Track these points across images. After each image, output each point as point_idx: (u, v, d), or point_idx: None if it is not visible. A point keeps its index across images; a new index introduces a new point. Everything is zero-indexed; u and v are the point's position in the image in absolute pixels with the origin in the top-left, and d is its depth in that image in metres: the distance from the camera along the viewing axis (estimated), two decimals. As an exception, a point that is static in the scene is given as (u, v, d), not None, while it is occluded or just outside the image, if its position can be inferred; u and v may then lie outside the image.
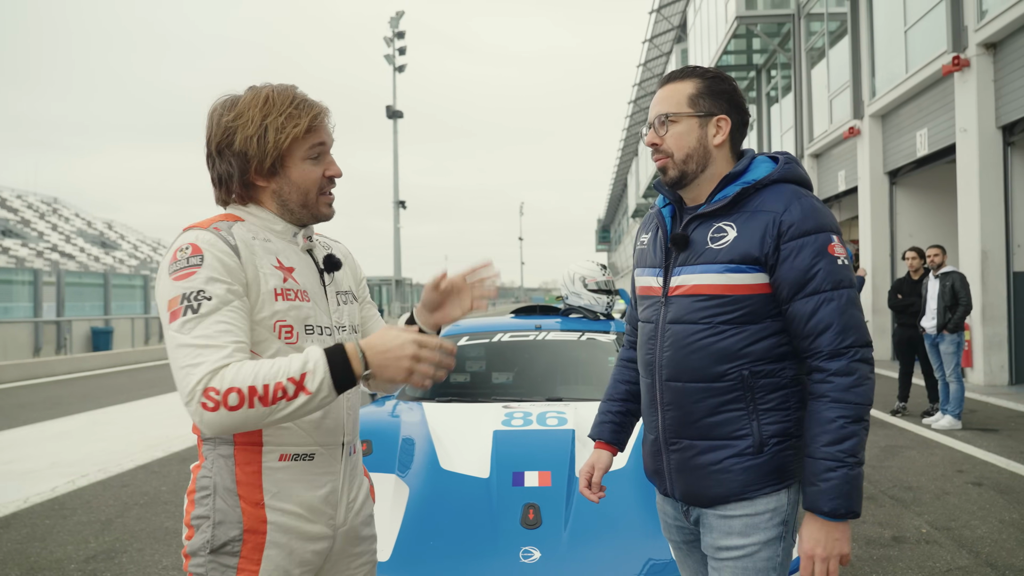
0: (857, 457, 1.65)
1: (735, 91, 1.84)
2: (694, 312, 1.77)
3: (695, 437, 1.78)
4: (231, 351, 1.49)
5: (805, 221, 1.70)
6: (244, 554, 1.59)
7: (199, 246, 1.56)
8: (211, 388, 1.44)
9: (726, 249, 1.74)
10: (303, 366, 1.48)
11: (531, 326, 4.59)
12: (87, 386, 13.68)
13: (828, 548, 1.66)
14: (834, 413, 1.65)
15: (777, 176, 1.78)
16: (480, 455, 3.15)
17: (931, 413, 8.39)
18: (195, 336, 1.49)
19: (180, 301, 1.52)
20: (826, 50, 17.19)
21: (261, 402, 1.45)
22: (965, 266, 11.14)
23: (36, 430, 8.95)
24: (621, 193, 68.90)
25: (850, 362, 1.67)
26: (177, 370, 1.48)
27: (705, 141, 1.80)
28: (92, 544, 4.62)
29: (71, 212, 48.24)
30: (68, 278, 22.00)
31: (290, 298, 1.65)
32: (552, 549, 2.63)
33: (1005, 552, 4.23)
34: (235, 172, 1.65)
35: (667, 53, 31.96)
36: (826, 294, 1.68)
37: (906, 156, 13.65)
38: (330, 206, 1.74)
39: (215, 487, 1.61)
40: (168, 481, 6.19)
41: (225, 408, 1.44)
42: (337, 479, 1.72)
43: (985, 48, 10.74)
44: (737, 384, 1.74)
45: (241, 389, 1.44)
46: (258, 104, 1.63)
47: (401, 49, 40.75)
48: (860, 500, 1.67)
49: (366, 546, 1.83)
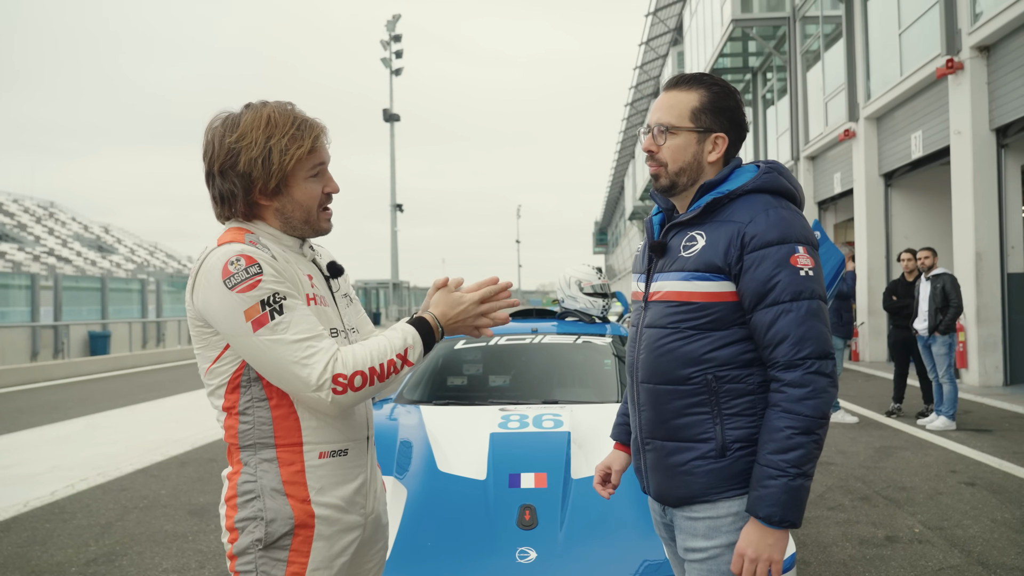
0: (801, 469, 1.65)
1: (738, 107, 1.85)
2: (665, 317, 1.82)
3: (664, 438, 1.83)
4: (330, 338, 1.66)
5: (768, 232, 1.72)
6: (294, 547, 1.68)
7: (252, 257, 1.63)
8: (339, 375, 1.61)
9: (694, 258, 1.78)
10: (404, 342, 1.70)
11: (528, 329, 4.63)
12: (85, 390, 13.69)
13: (758, 551, 1.68)
14: (783, 423, 1.67)
15: (752, 186, 1.80)
16: (477, 457, 3.19)
17: (926, 414, 8.44)
18: (294, 333, 1.61)
19: (261, 308, 1.60)
20: (821, 53, 17.26)
21: (379, 379, 1.66)
22: (960, 267, 11.21)
23: (35, 434, 8.97)
24: (618, 195, 68.94)
25: (805, 373, 1.67)
26: (288, 366, 1.60)
27: (700, 157, 1.84)
28: (92, 548, 4.65)
29: (68, 216, 48.21)
30: (65, 282, 22.01)
31: (317, 304, 1.75)
32: (548, 550, 2.67)
33: (997, 551, 4.28)
34: (239, 192, 1.70)
35: (663, 56, 32.04)
36: (784, 305, 1.69)
37: (901, 158, 13.72)
38: (329, 220, 1.82)
39: (262, 489, 1.69)
40: (167, 484, 6.22)
41: (352, 390, 1.63)
42: (366, 470, 1.83)
43: (978, 51, 10.81)
44: (702, 388, 1.77)
45: (364, 371, 1.64)
46: (260, 126, 1.67)
47: (398, 52, 40.79)
48: (797, 511, 1.67)
49: (382, 533, 1.94)
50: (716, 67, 22.52)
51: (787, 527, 1.68)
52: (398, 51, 40.76)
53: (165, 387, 13.54)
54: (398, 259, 43.90)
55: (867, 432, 7.88)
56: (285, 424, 1.69)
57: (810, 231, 1.78)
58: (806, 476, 1.67)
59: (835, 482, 5.84)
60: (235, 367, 1.69)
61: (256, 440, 1.70)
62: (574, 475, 3.05)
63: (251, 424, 1.69)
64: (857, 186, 15.26)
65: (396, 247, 43.55)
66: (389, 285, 44.90)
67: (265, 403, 1.69)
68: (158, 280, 27.11)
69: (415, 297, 54.06)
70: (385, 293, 45.82)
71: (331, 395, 1.60)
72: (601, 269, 5.17)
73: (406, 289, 50.26)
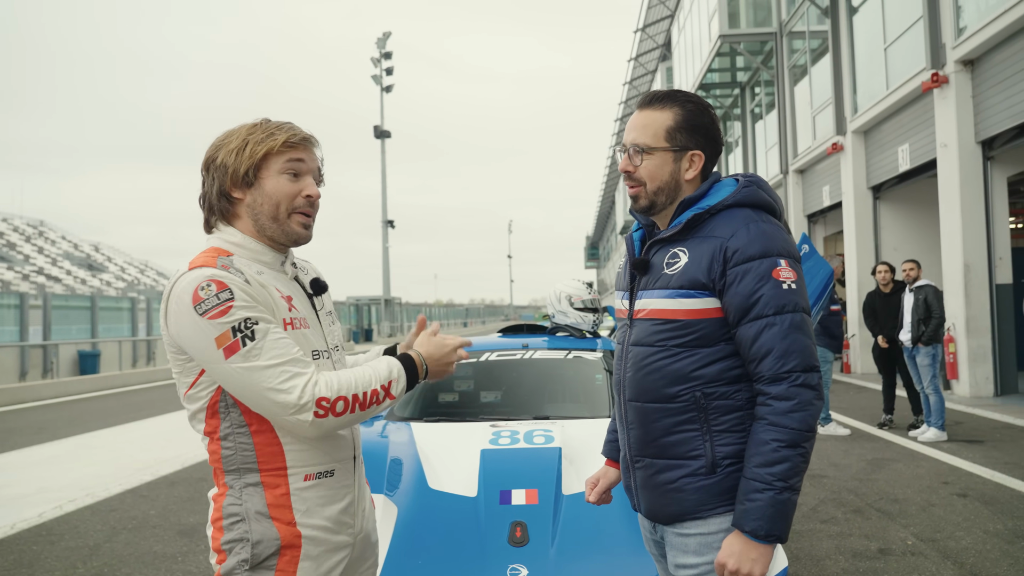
0: (787, 483, 1.65)
1: (712, 123, 1.85)
2: (651, 335, 1.81)
3: (654, 456, 1.82)
4: (306, 361, 1.64)
5: (750, 246, 1.72)
6: (280, 567, 1.67)
7: (223, 282, 1.61)
8: (323, 398, 1.61)
9: (678, 275, 1.78)
10: (389, 374, 1.72)
11: (518, 345, 4.63)
12: (74, 410, 13.58)
13: (739, 563, 1.67)
14: (769, 436, 1.67)
15: (732, 201, 1.80)
16: (468, 474, 3.18)
17: (916, 426, 8.45)
18: (269, 358, 1.59)
19: (232, 335, 1.58)
20: (808, 67, 17.41)
21: (360, 407, 1.67)
22: (948, 279, 11.27)
23: (23, 455, 8.89)
24: (609, 210, 69.19)
25: (790, 387, 1.67)
26: (264, 392, 1.59)
27: (677, 175, 1.84)
28: (80, 570, 4.60)
29: (57, 235, 48.01)
30: (55, 301, 21.86)
31: (296, 327, 1.72)
32: (539, 567, 2.65)
33: (989, 563, 4.28)
34: (215, 184, 1.73)
35: (652, 71, 32.27)
36: (768, 319, 1.69)
37: (888, 171, 13.82)
38: (306, 228, 1.77)
39: (247, 513, 1.68)
40: (157, 505, 6.16)
41: (333, 415, 1.63)
42: (353, 490, 1.82)
43: (963, 65, 10.92)
44: (691, 405, 1.77)
45: (347, 397, 1.64)
46: (247, 127, 1.75)
47: (388, 70, 40.95)
48: (783, 525, 1.66)
49: (372, 551, 1.93)
50: (704, 82, 22.69)
51: (773, 541, 1.67)
52: (388, 68, 40.93)
53: (155, 406, 13.44)
54: (390, 275, 43.92)
55: (859, 444, 7.88)
56: (268, 450, 1.68)
57: (791, 244, 1.79)
58: (793, 490, 1.66)
59: (828, 495, 5.83)
60: (211, 393, 1.68)
61: (240, 465, 1.68)
62: (565, 491, 3.03)
63: (233, 450, 1.68)
64: (846, 199, 15.35)
65: (388, 263, 43.55)
66: (381, 301, 44.85)
67: (246, 429, 1.68)
68: (148, 298, 26.99)
69: (407, 313, 53.95)
70: (377, 309, 45.74)
71: (312, 418, 1.59)
72: (592, 284, 5.17)
73: (398, 305, 50.20)
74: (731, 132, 25.20)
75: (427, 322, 1.92)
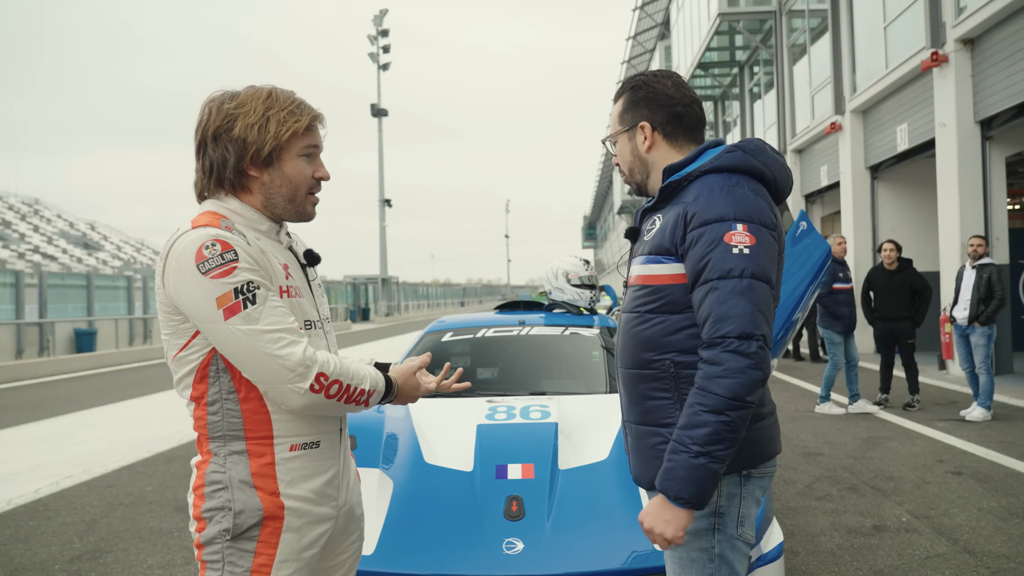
0: (704, 448, 1.60)
1: (656, 91, 1.87)
2: (631, 301, 1.85)
3: (637, 421, 1.84)
4: (301, 332, 1.63)
5: (707, 210, 1.70)
6: (263, 538, 1.66)
7: (227, 242, 1.59)
8: (322, 373, 1.60)
9: (649, 240, 1.81)
10: (375, 384, 1.72)
11: (515, 321, 4.62)
12: (71, 388, 13.59)
13: (652, 523, 1.67)
14: (694, 399, 1.64)
15: (709, 167, 1.77)
16: (464, 449, 3.18)
17: (912, 405, 8.47)
18: (267, 323, 1.58)
19: (235, 296, 1.57)
20: (807, 46, 17.31)
21: (347, 399, 1.66)
22: (945, 259, 11.27)
23: (19, 432, 8.89)
24: (607, 190, 69.04)
25: (721, 351, 1.62)
26: (260, 356, 1.57)
27: (637, 151, 1.90)
28: (77, 545, 4.61)
29: (53, 213, 47.82)
30: (50, 279, 21.77)
31: (292, 295, 1.72)
32: (535, 540, 2.66)
33: (983, 539, 4.30)
34: (231, 158, 1.67)
35: (651, 50, 32.06)
36: (712, 283, 1.66)
37: (887, 151, 13.77)
38: (315, 207, 1.80)
39: (230, 481, 1.66)
40: (153, 481, 6.17)
41: (325, 395, 1.61)
42: (338, 462, 1.81)
43: (963, 44, 10.85)
44: (663, 372, 1.77)
45: (341, 383, 1.63)
46: (261, 97, 1.69)
47: (385, 47, 40.67)
48: (697, 491, 1.61)
49: (357, 524, 1.92)
50: (703, 61, 22.56)
51: (684, 505, 1.63)
52: (385, 46, 40.66)
53: (151, 384, 13.45)
54: (387, 254, 43.86)
55: (854, 423, 7.91)
56: (255, 417, 1.67)
57: (758, 208, 1.72)
58: (710, 456, 1.61)
59: (823, 472, 5.86)
60: (203, 356, 1.66)
61: (226, 432, 1.67)
62: (561, 466, 3.04)
63: (220, 416, 1.67)
64: (844, 179, 15.32)
65: (385, 242, 43.48)
66: (378, 280, 44.83)
67: (234, 396, 1.66)
68: (144, 277, 26.88)
69: (404, 292, 53.95)
70: (374, 288, 45.73)
71: (307, 390, 1.59)
72: (588, 261, 5.16)
73: (395, 284, 50.18)
74: (729, 112, 25.10)
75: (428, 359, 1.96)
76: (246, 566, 1.65)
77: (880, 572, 3.87)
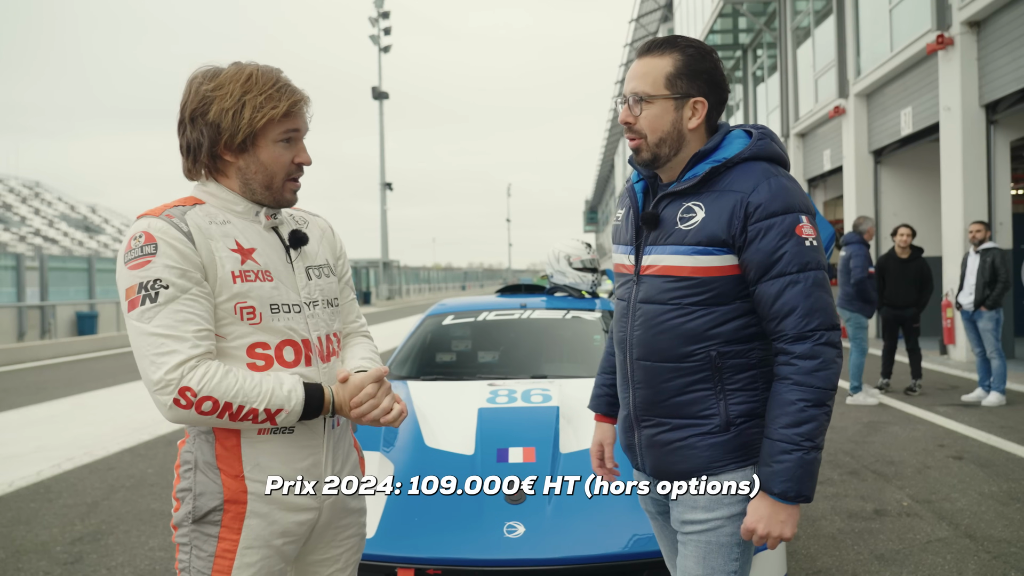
0: (814, 442, 1.64)
1: (715, 68, 1.76)
2: (664, 292, 1.75)
3: (664, 415, 1.79)
4: (194, 342, 1.55)
5: (773, 202, 1.67)
6: (225, 523, 1.64)
7: (152, 234, 1.58)
8: (188, 388, 1.52)
9: (694, 230, 1.71)
10: (284, 402, 1.60)
11: (516, 305, 4.60)
12: (72, 370, 13.61)
13: (768, 527, 1.66)
14: (795, 396, 1.64)
15: (749, 154, 1.74)
16: (465, 432, 3.17)
17: (914, 390, 8.46)
18: (156, 325, 1.54)
19: (138, 290, 1.56)
20: (811, 29, 17.17)
21: (230, 417, 1.57)
22: (948, 244, 11.22)
23: (21, 414, 8.91)
24: (608, 174, 68.86)
25: (814, 345, 1.64)
26: (142, 359, 1.55)
27: (680, 124, 1.75)
28: (78, 527, 4.62)
29: (53, 196, 47.73)
30: (51, 262, 21.75)
31: (250, 279, 1.66)
32: (536, 524, 2.65)
33: (984, 524, 4.30)
34: (205, 142, 1.65)
35: (654, 33, 31.83)
36: (791, 276, 1.65)
37: (891, 135, 13.69)
38: (295, 193, 1.75)
39: (196, 461, 1.66)
40: (154, 464, 6.18)
41: (196, 411, 1.54)
42: (319, 452, 1.75)
43: (969, 26, 10.75)
44: (705, 364, 1.73)
45: (217, 400, 1.55)
46: (240, 80, 1.64)
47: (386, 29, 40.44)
48: (811, 485, 1.65)
49: (353, 519, 1.87)
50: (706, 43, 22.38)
51: (801, 502, 1.66)
52: (386, 28, 40.43)
53: (153, 367, 13.46)
54: (388, 238, 43.84)
55: (856, 408, 7.90)
56: None
57: (809, 200, 1.75)
58: (818, 448, 1.65)
59: (824, 457, 5.83)
60: None
61: None
62: (563, 449, 3.03)
63: None
64: (847, 163, 15.24)
65: (386, 226, 43.45)
66: (379, 264, 44.82)
67: None
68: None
69: (405, 276, 53.91)
70: (375, 272, 45.72)
71: (170, 404, 1.53)
72: (591, 244, 5.13)
73: (396, 268, 50.19)
74: (732, 95, 24.93)
75: (362, 382, 1.73)
76: (210, 550, 1.63)
77: (881, 556, 3.87)
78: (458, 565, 2.54)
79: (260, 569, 1.66)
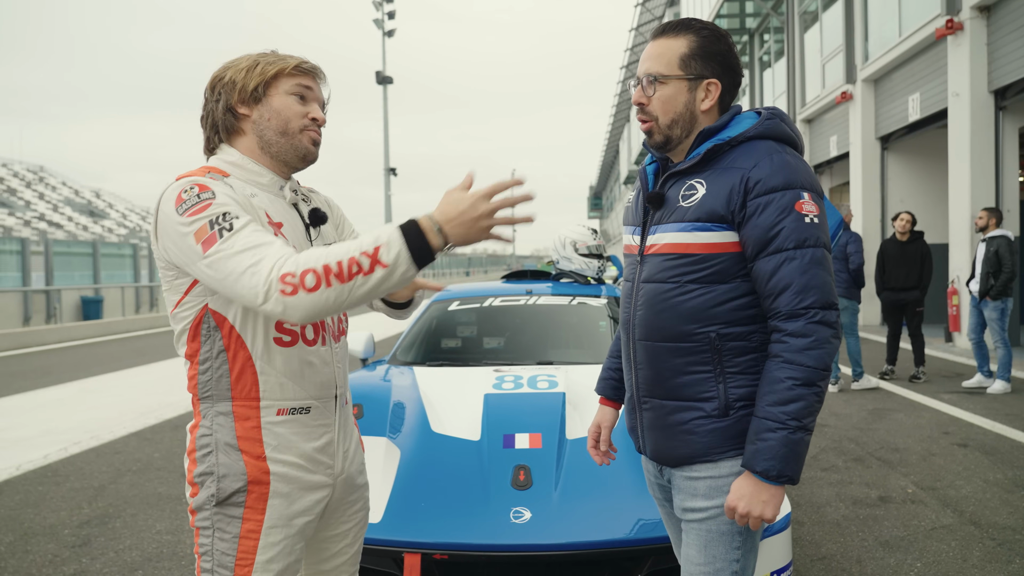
0: (801, 422, 1.60)
1: (730, 51, 1.77)
2: (664, 271, 1.74)
3: (664, 397, 1.78)
4: (281, 244, 1.52)
5: (772, 177, 1.65)
6: (249, 504, 1.65)
7: (205, 185, 1.59)
8: (287, 273, 1.45)
9: (695, 207, 1.71)
10: (376, 240, 1.47)
11: (522, 291, 4.59)
12: (78, 355, 13.65)
13: (749, 506, 1.63)
14: (784, 373, 1.61)
15: (755, 132, 1.72)
16: (471, 418, 3.17)
17: (918, 377, 8.44)
18: (242, 244, 1.50)
19: (210, 227, 1.53)
20: (819, 14, 17.03)
21: (338, 279, 1.45)
22: (955, 231, 11.17)
23: (28, 398, 8.95)
24: (613, 160, 68.63)
25: (807, 323, 1.61)
26: (238, 277, 1.48)
27: (693, 106, 1.75)
28: (85, 510, 4.64)
29: (58, 181, 47.77)
30: (56, 247, 21.80)
31: None
32: (542, 510, 2.65)
33: (989, 511, 4.30)
34: (222, 100, 1.71)
35: (660, 17, 31.62)
36: (788, 252, 1.63)
37: (898, 121, 13.60)
38: (314, 144, 1.76)
39: (216, 444, 1.66)
40: (161, 448, 6.20)
41: (304, 290, 1.45)
42: (333, 430, 1.79)
43: (979, 11, 10.65)
44: (704, 345, 1.71)
45: (316, 269, 1.45)
46: (255, 54, 1.75)
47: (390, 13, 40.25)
48: (797, 466, 1.62)
49: (360, 493, 1.91)
50: (713, 28, 22.22)
51: (785, 482, 1.63)
52: (390, 12, 40.22)
53: (158, 351, 13.50)
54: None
55: (860, 394, 7.90)
56: (242, 378, 1.65)
57: (815, 178, 1.72)
58: (806, 430, 1.62)
59: (829, 443, 5.85)
60: (196, 313, 1.65)
61: (214, 392, 1.66)
62: (569, 435, 3.03)
63: (209, 375, 1.66)
64: (853, 149, 15.16)
65: (390, 211, 43.37)
66: (383, 250, 44.81)
67: (224, 355, 1.65)
68: (150, 245, 26.94)
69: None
70: (379, 258, 45.74)
71: (279, 297, 1.45)
72: (596, 230, 5.12)
73: (400, 254, 50.12)
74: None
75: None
76: (235, 532, 1.64)
77: (886, 543, 3.87)
78: (464, 550, 2.54)
79: (283, 548, 1.68)
